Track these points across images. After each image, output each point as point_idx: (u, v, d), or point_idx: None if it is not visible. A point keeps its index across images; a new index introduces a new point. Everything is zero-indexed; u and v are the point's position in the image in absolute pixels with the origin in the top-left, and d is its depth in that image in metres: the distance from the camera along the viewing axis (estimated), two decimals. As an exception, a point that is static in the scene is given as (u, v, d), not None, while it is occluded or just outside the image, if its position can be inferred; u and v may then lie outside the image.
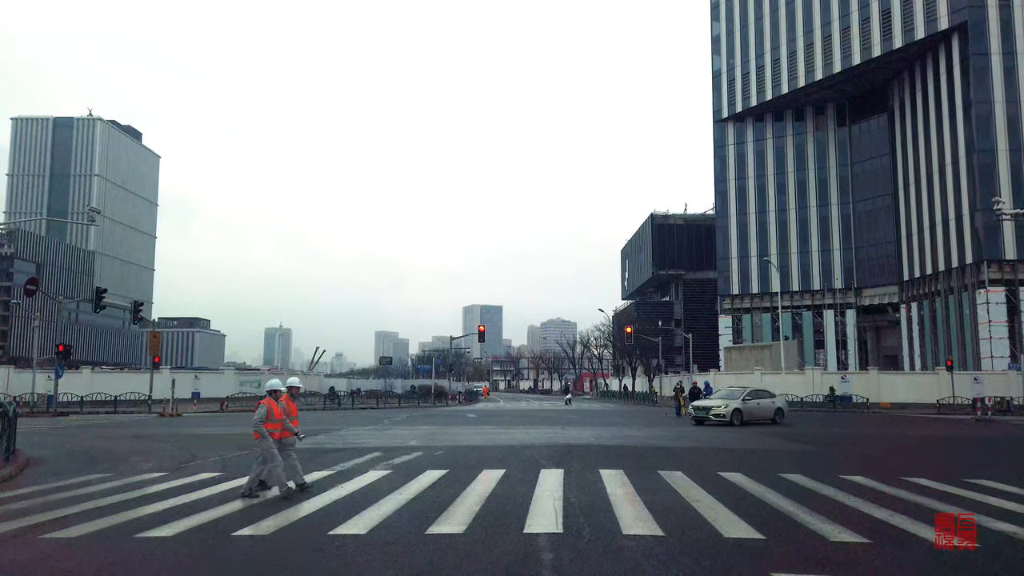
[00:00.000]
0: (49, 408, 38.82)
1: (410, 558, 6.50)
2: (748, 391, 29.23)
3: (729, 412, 26.63)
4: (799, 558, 6.57)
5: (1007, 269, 57.11)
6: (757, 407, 28.09)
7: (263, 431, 10.27)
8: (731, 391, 30.58)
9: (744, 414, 27.07)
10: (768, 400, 29.22)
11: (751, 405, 27.82)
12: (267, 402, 10.52)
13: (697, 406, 28.19)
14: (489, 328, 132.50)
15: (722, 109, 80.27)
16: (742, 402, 27.49)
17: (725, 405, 27.06)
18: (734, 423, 26.45)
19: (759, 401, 28.52)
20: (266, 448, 10.23)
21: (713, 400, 29.00)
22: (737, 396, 28.23)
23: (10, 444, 14.15)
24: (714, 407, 27.30)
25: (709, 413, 27.09)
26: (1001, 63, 58.41)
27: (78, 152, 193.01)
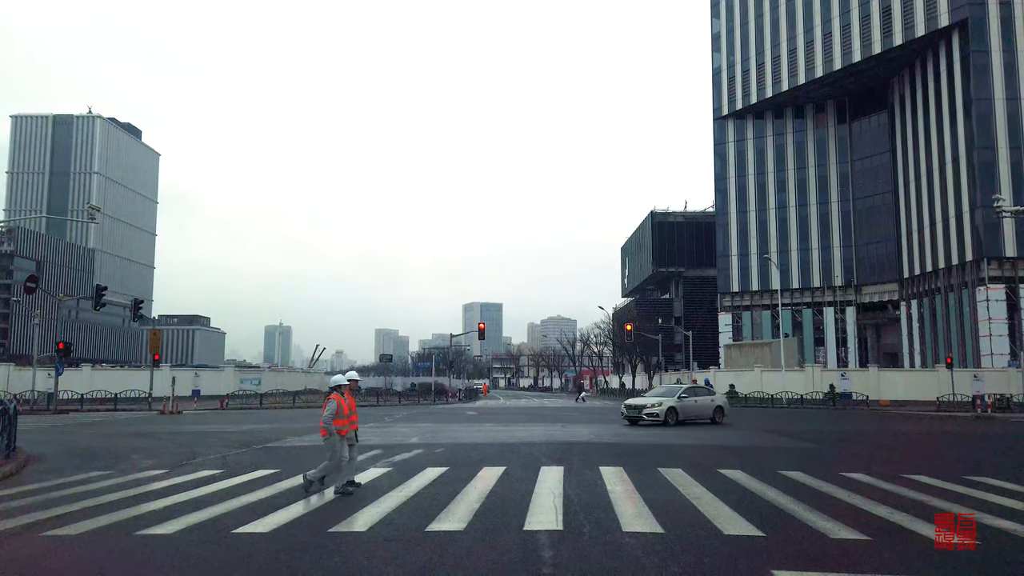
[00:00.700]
0: (49, 406, 38.85)
1: (410, 555, 6.51)
2: (685, 388, 27.83)
3: (663, 411, 25.04)
4: (799, 555, 6.57)
5: (1007, 266, 57.13)
6: (694, 405, 26.54)
7: (332, 428, 10.10)
8: (668, 388, 29.29)
9: (680, 412, 25.55)
10: (707, 398, 27.66)
11: (688, 403, 26.23)
12: (336, 398, 10.32)
13: (630, 404, 26.38)
14: (489, 326, 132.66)
15: (722, 106, 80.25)
16: (678, 400, 25.92)
17: (659, 403, 25.48)
18: (668, 422, 24.87)
19: (696, 399, 26.96)
20: (332, 445, 10.11)
21: (647, 398, 27.31)
22: (673, 393, 26.77)
23: (10, 442, 14.16)
24: (648, 406, 25.62)
25: (642, 412, 25.36)
26: (1001, 60, 58.37)
27: (78, 150, 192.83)
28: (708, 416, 26.61)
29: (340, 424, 10.20)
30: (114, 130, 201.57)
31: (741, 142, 79.57)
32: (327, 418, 10.15)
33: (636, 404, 26.12)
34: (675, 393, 26.67)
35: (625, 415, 26.05)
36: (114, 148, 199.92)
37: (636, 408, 25.74)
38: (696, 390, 28.35)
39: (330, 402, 10.28)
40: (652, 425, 24.79)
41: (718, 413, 26.86)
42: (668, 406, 25.17)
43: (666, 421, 24.81)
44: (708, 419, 26.58)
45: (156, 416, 33.51)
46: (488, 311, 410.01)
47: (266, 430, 23.46)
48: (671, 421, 24.94)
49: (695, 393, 27.51)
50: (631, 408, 25.97)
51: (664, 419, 24.80)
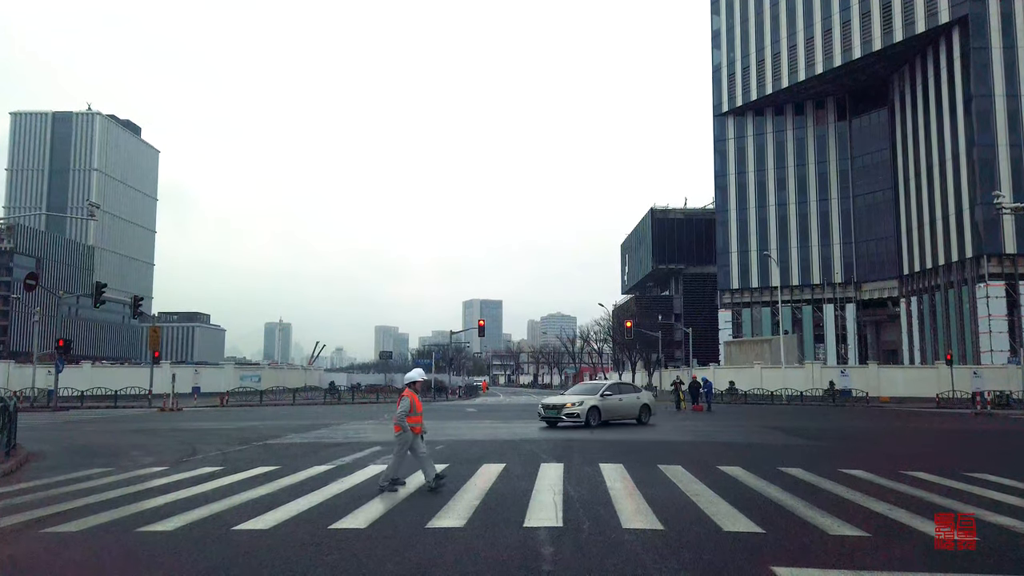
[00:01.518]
0: (49, 403, 38.85)
1: (410, 552, 6.51)
2: (609, 385, 25.00)
3: (584, 411, 22.22)
4: (799, 551, 6.58)
5: (1007, 263, 57.14)
6: (619, 404, 23.93)
7: (405, 424, 10.08)
8: (591, 385, 26.60)
9: (603, 412, 22.94)
10: (632, 395, 24.99)
11: (611, 402, 23.55)
12: (410, 395, 10.31)
13: (547, 404, 23.38)
14: (489, 322, 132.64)
15: (722, 103, 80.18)
16: (600, 398, 23.19)
17: (580, 402, 22.59)
18: (591, 424, 22.18)
19: (621, 397, 24.22)
20: (404, 442, 10.07)
21: (567, 396, 24.51)
22: (596, 391, 23.93)
23: (11, 438, 14.16)
24: (567, 405, 22.74)
25: (561, 413, 22.47)
26: (1002, 57, 58.30)
27: (77, 146, 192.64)
28: (634, 416, 24.13)
29: (415, 421, 10.19)
30: (113, 127, 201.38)
31: (741, 139, 79.50)
32: (401, 414, 10.10)
33: (555, 403, 23.26)
34: (598, 391, 23.93)
35: (542, 416, 23.05)
36: (113, 145, 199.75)
37: (555, 408, 22.86)
38: (621, 387, 25.47)
39: (404, 399, 10.24)
40: (572, 427, 22.29)
41: (644, 413, 24.43)
42: (590, 405, 22.47)
43: (588, 422, 22.09)
44: (634, 419, 24.12)
45: (156, 413, 33.53)
46: (488, 308, 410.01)
47: (266, 427, 23.47)
48: (593, 422, 22.27)
49: (620, 391, 24.76)
50: (549, 408, 23.07)
51: (586, 420, 22.09)
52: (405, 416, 10.10)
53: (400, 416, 10.11)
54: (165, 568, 6.19)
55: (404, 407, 10.16)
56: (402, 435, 10.10)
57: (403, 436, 10.09)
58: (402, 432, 10.09)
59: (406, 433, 10.08)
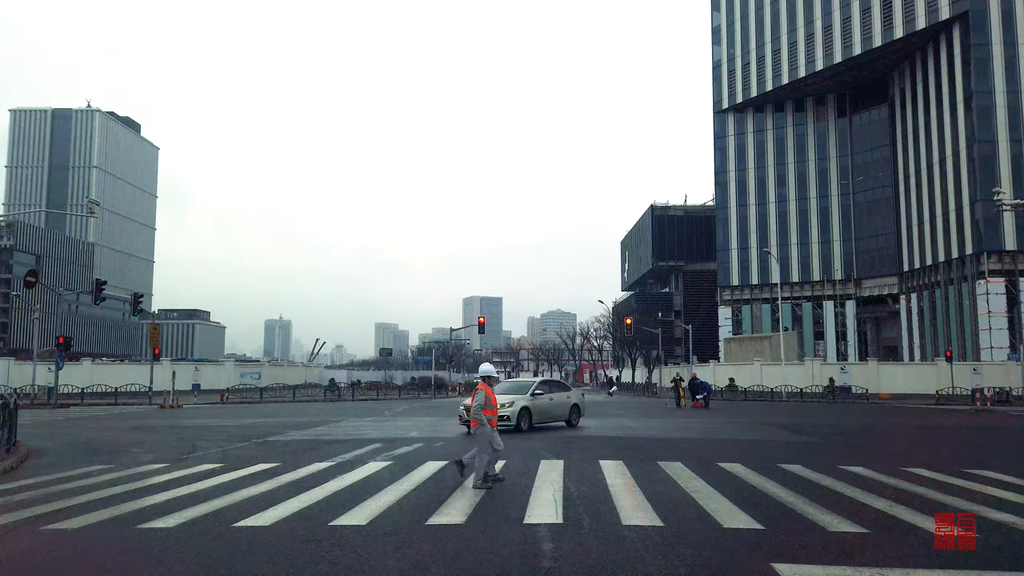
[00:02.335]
0: (50, 400, 38.89)
1: (411, 548, 6.52)
2: (539, 382, 22.06)
3: (515, 412, 19.20)
4: (799, 548, 6.59)
5: (1007, 260, 57.14)
6: (550, 404, 21.03)
7: (482, 418, 9.98)
8: (518, 383, 23.18)
9: (535, 414, 20.15)
10: (562, 395, 21.97)
11: (542, 402, 20.67)
12: (484, 388, 10.20)
13: (468, 405, 18.23)
14: (489, 319, 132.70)
15: (722, 100, 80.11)
16: (531, 398, 20.23)
17: (510, 403, 19.44)
18: (521, 427, 19.34)
19: (552, 396, 21.28)
20: (484, 435, 9.94)
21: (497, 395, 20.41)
22: (525, 389, 20.90)
23: (11, 436, 14.15)
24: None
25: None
26: (1002, 53, 58.24)
27: (77, 144, 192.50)
28: (564, 417, 21.49)
29: (491, 415, 10.12)
30: (113, 124, 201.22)
31: (741, 136, 79.45)
32: (476, 408, 10.00)
33: None
34: (527, 389, 20.88)
35: (464, 419, 19.28)
36: (113, 142, 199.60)
37: None
38: (552, 385, 22.56)
39: (478, 393, 10.14)
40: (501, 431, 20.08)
41: (574, 414, 21.79)
42: (521, 406, 19.52)
43: (518, 425, 19.19)
44: (564, 421, 21.54)
45: (156, 410, 33.56)
46: (488, 305, 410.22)
47: (266, 424, 23.50)
48: (523, 425, 19.52)
49: (550, 389, 21.82)
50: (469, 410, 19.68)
51: (516, 423, 19.13)
52: (481, 410, 9.97)
53: (476, 410, 9.99)
54: (165, 565, 6.19)
55: (479, 401, 10.03)
56: (481, 429, 9.97)
57: (482, 430, 9.96)
58: (480, 426, 9.97)
59: (484, 427, 9.95)
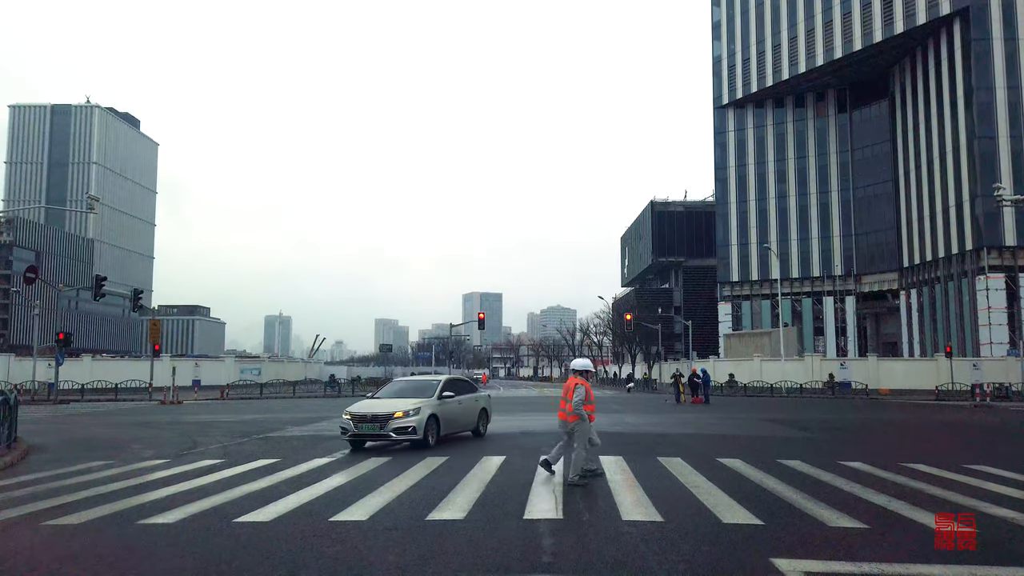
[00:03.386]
0: (50, 396, 38.92)
1: (411, 544, 6.53)
2: (445, 382, 16.37)
3: (422, 422, 14.32)
4: (798, 543, 6.60)
5: (1007, 255, 57.11)
6: (459, 409, 16.25)
7: (583, 413, 9.78)
8: (417, 383, 17.01)
9: (443, 423, 15.26)
10: (470, 397, 17.07)
11: (452, 407, 15.81)
12: (584, 383, 10.00)
13: (360, 414, 14.38)
14: (489, 315, 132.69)
15: (722, 95, 79.97)
16: (439, 402, 15.27)
17: (415, 410, 14.44)
18: (429, 441, 14.46)
19: (460, 399, 16.33)
20: (583, 432, 9.77)
21: (393, 401, 15.17)
22: (430, 392, 15.62)
23: (11, 432, 14.19)
24: (394, 414, 14.17)
25: (388, 427, 14.04)
26: (1003, 48, 58.12)
27: (76, 139, 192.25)
28: (472, 425, 16.85)
29: (591, 410, 9.95)
30: (113, 120, 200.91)
31: (741, 131, 79.34)
32: (579, 403, 9.78)
33: (374, 413, 14.33)
34: (433, 390, 15.68)
35: (350, 432, 14.28)
36: (113, 138, 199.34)
37: (374, 420, 14.17)
38: (458, 385, 17.01)
39: (579, 387, 9.91)
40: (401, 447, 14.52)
41: (482, 420, 17.30)
42: (429, 413, 14.66)
43: (426, 439, 14.31)
44: (471, 430, 16.90)
45: (157, 406, 33.57)
46: (488, 301, 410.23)
47: (266, 420, 23.52)
48: (431, 439, 14.58)
49: (458, 389, 16.64)
50: (362, 420, 14.24)
51: (423, 436, 14.24)
52: (582, 404, 9.78)
53: (578, 405, 9.77)
54: (166, 560, 6.21)
55: (580, 395, 9.82)
56: (581, 424, 9.78)
57: (582, 425, 9.77)
58: (580, 421, 9.78)
59: (585, 422, 9.77)
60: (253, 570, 5.87)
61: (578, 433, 9.84)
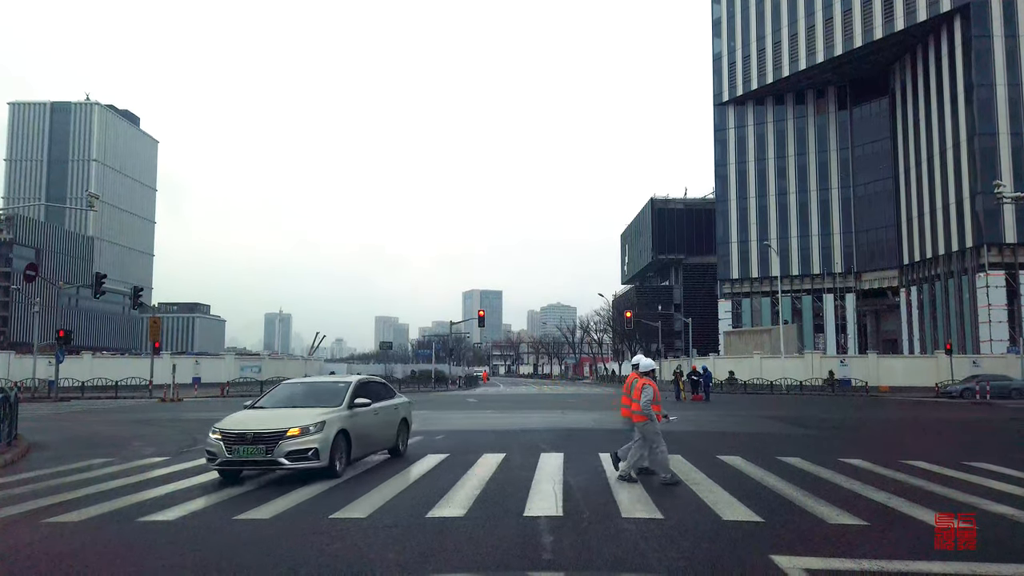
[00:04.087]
0: (50, 393, 38.93)
1: (411, 541, 6.54)
2: (356, 385, 12.00)
3: (327, 442, 10.15)
4: (798, 540, 6.61)
5: (1007, 253, 57.09)
6: (377, 422, 12.11)
7: (651, 413, 9.64)
8: (320, 386, 12.50)
9: (355, 440, 11.10)
10: (388, 404, 12.89)
11: (367, 420, 11.68)
12: (651, 383, 9.86)
13: (232, 432, 9.97)
14: (489, 313, 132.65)
15: (723, 92, 79.88)
16: (349, 413, 11.11)
17: (316, 424, 10.21)
18: (336, 469, 10.37)
19: (377, 409, 12.16)
20: (651, 432, 9.61)
21: (280, 411, 11.05)
22: (336, 399, 11.35)
23: (12, 429, 14.19)
24: (291, 433, 9.90)
25: (278, 450, 9.74)
26: (1003, 46, 58.04)
27: (76, 137, 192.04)
28: (390, 441, 12.73)
29: (658, 410, 9.82)
30: (112, 117, 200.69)
31: (741, 128, 79.27)
32: (647, 403, 9.64)
33: (253, 431, 10.02)
34: (340, 396, 11.46)
35: (218, 460, 9.91)
36: (112, 135, 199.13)
37: (256, 441, 9.89)
38: (373, 389, 12.76)
39: (647, 388, 9.75)
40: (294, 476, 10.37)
41: (402, 434, 13.17)
42: (338, 429, 10.56)
43: (332, 466, 10.26)
44: (387, 448, 12.75)
45: (157, 404, 33.59)
46: (488, 298, 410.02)
47: (267, 417, 23.46)
48: (339, 464, 10.51)
49: (374, 394, 12.47)
50: (239, 440, 9.91)
51: (329, 462, 10.17)
52: (650, 404, 9.65)
53: (646, 405, 9.64)
54: (166, 558, 6.21)
55: (648, 396, 9.67)
56: (648, 425, 9.64)
57: (648, 426, 9.63)
58: (648, 422, 9.64)
59: (653, 423, 9.63)
60: (253, 567, 5.88)
61: (644, 432, 9.73)
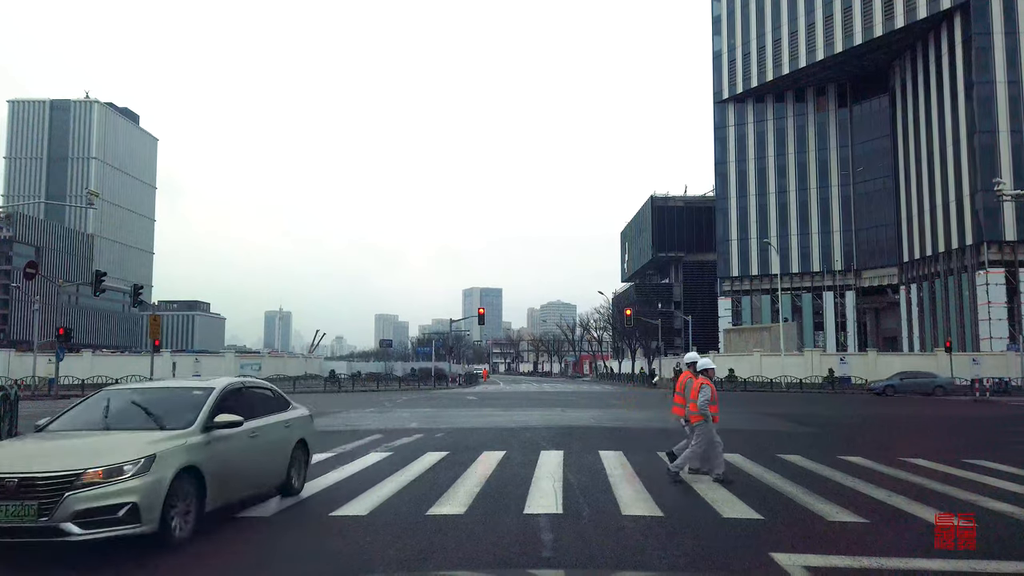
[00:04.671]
0: (50, 391, 38.91)
1: (411, 539, 6.54)
2: (219, 393, 7.10)
3: (155, 491, 5.63)
4: (797, 537, 6.62)
5: (1007, 250, 57.08)
6: (252, 449, 7.26)
7: (708, 413, 9.54)
8: (154, 395, 7.50)
9: (214, 483, 6.37)
10: (277, 421, 8.14)
11: (235, 448, 6.89)
12: (707, 382, 9.77)
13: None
14: (489, 311, 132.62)
15: (723, 90, 79.80)
16: (204, 438, 6.41)
17: (138, 463, 5.60)
18: (174, 533, 5.84)
19: (257, 427, 7.45)
20: (707, 431, 9.50)
21: (81, 439, 6.27)
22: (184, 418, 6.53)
23: (12, 427, 14.19)
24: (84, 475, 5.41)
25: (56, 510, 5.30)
26: (1003, 43, 57.99)
27: (75, 135, 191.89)
28: (278, 476, 8.06)
29: (714, 410, 9.71)
30: (112, 115, 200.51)
31: (741, 126, 79.21)
32: (704, 403, 9.52)
33: (21, 474, 5.39)
34: (192, 413, 6.64)
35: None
36: (112, 133, 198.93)
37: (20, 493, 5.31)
38: (249, 399, 7.80)
39: (704, 387, 9.65)
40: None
41: (297, 464, 8.57)
42: (179, 467, 5.94)
43: (165, 529, 5.76)
44: (277, 484, 8.10)
45: (157, 401, 33.49)
46: (488, 296, 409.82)
47: (267, 415, 23.46)
48: (181, 526, 5.98)
49: (249, 407, 7.56)
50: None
51: (159, 524, 5.68)
52: (708, 404, 9.57)
53: (704, 405, 9.54)
54: (167, 553, 6.21)
55: (706, 395, 9.58)
56: (703, 425, 9.53)
57: (705, 426, 9.52)
58: (704, 421, 9.54)
59: (708, 423, 9.53)
60: (253, 564, 5.88)
61: (701, 432, 9.62)
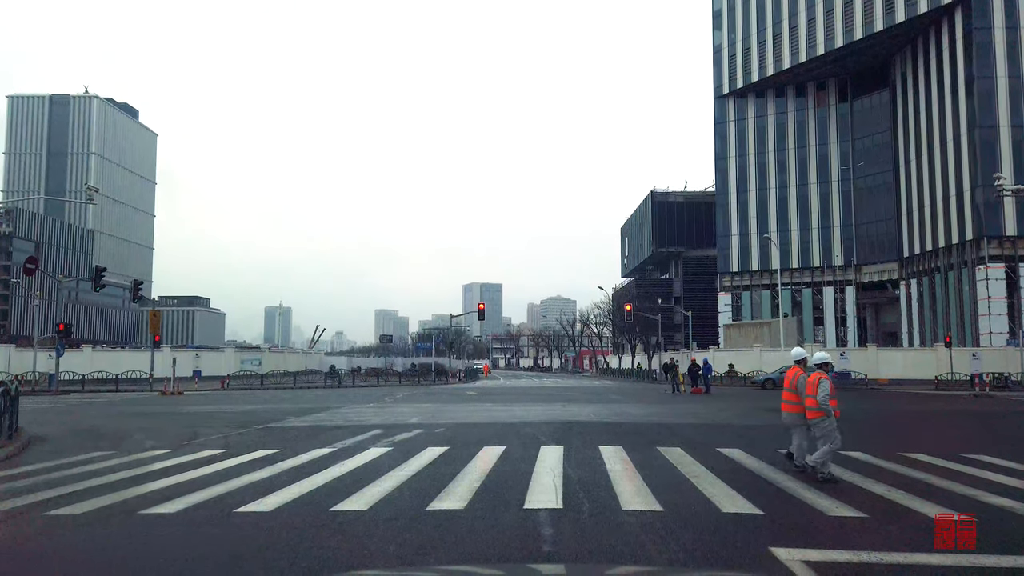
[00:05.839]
0: (51, 387, 38.90)
1: (411, 534, 6.55)
2: None
3: None
4: (797, 532, 6.63)
5: (1007, 245, 57.02)
6: None
7: (829, 409, 9.37)
8: None
9: None
10: None
11: None
12: (825, 377, 9.57)
13: None
14: (489, 306, 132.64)
15: (723, 85, 79.61)
16: None
17: None
18: None
19: None
20: (829, 427, 9.38)
21: None
22: None
23: (13, 422, 14.20)
24: None
25: None
26: (1004, 37, 57.83)
27: (75, 130, 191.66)
28: None
29: (833, 404, 9.48)
30: (111, 110, 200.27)
31: (742, 121, 79.06)
32: (824, 399, 9.36)
33: None
34: None
35: None
36: (111, 128, 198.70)
37: None
38: None
39: (823, 382, 9.48)
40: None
41: None
42: None
43: None
44: None
45: (157, 397, 33.62)
46: (488, 291, 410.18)
47: (267, 410, 23.55)
48: None
49: None
50: None
51: None
52: (828, 400, 9.41)
53: (824, 400, 9.37)
54: (168, 550, 6.23)
55: (825, 391, 9.41)
56: (825, 420, 9.40)
57: (827, 421, 9.39)
58: (825, 417, 9.40)
59: (830, 418, 9.38)
60: (253, 560, 5.89)
61: (820, 429, 9.49)
